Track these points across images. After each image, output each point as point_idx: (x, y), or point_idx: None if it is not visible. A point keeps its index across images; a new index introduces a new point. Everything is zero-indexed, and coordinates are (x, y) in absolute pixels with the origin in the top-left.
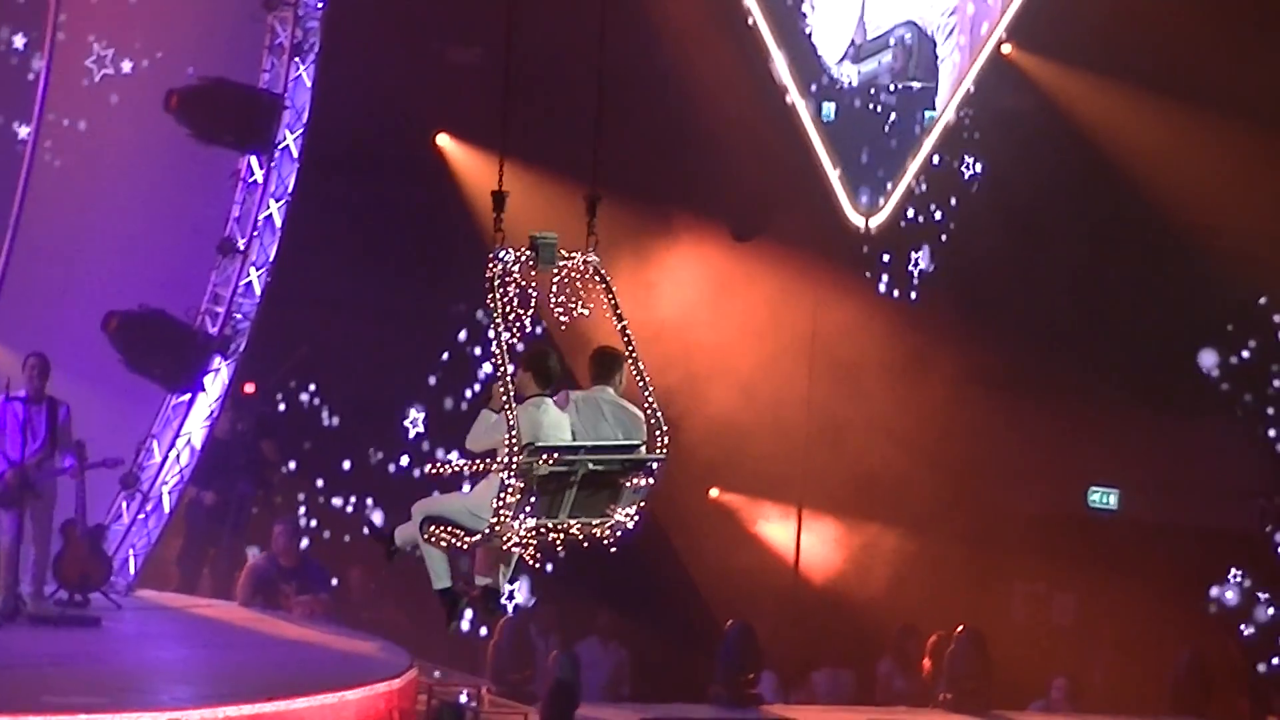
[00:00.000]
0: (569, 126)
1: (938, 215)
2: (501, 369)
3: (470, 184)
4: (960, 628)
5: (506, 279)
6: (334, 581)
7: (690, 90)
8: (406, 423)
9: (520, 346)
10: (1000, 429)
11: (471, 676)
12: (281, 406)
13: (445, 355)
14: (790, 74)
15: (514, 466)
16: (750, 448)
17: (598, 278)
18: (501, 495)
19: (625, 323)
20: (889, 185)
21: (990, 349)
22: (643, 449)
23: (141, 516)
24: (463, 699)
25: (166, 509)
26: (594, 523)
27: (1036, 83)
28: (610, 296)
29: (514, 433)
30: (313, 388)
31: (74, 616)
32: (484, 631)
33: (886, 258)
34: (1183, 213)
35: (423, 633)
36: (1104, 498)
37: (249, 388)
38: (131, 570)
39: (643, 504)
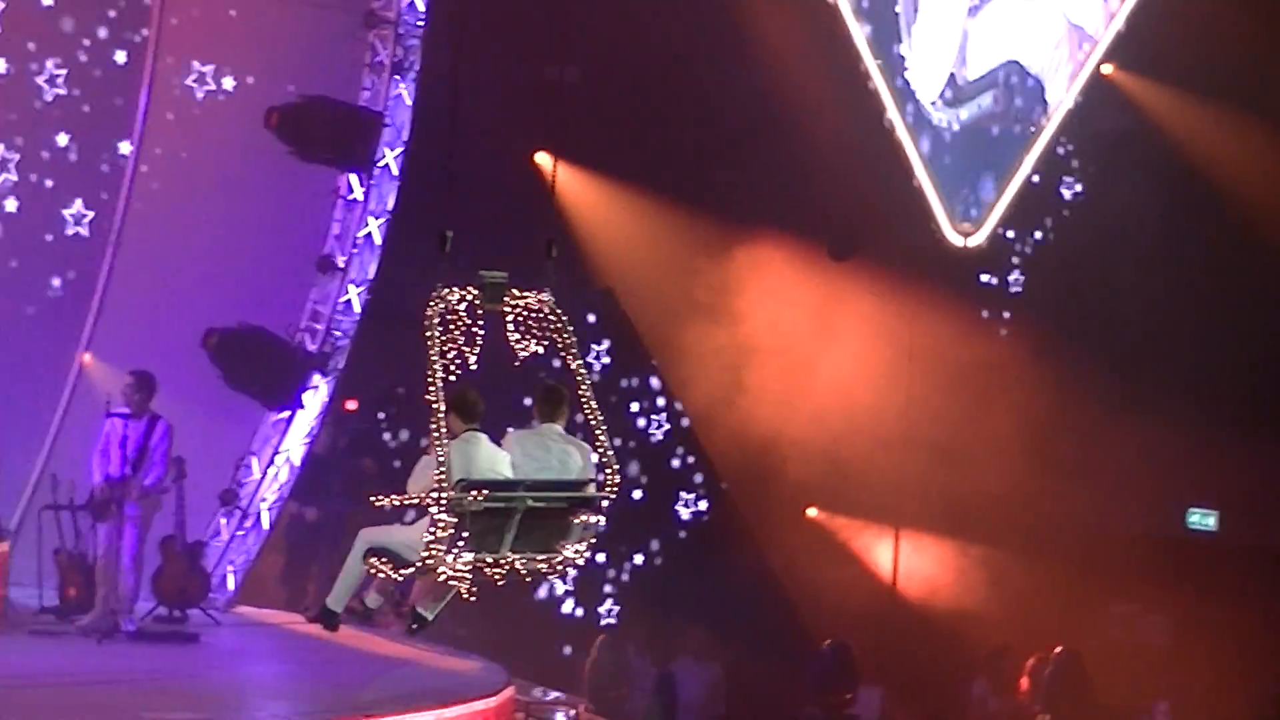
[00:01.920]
0: (663, 145)
1: (1036, 234)
2: (435, 405)
3: (568, 201)
4: (1059, 648)
5: (449, 316)
6: None
7: (789, 110)
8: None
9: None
10: (1098, 450)
11: (569, 695)
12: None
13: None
14: (889, 94)
15: (443, 502)
16: (847, 467)
17: (553, 317)
18: (432, 530)
19: (580, 361)
20: (987, 204)
21: (1087, 369)
22: (591, 486)
23: (240, 533)
24: (559, 717)
25: (265, 525)
26: (539, 558)
27: (1136, 103)
28: (565, 336)
29: (443, 468)
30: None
31: (173, 633)
32: (568, 650)
33: (985, 276)
34: None
35: (519, 651)
36: (1203, 519)
37: (350, 405)
38: (230, 586)
39: (593, 540)
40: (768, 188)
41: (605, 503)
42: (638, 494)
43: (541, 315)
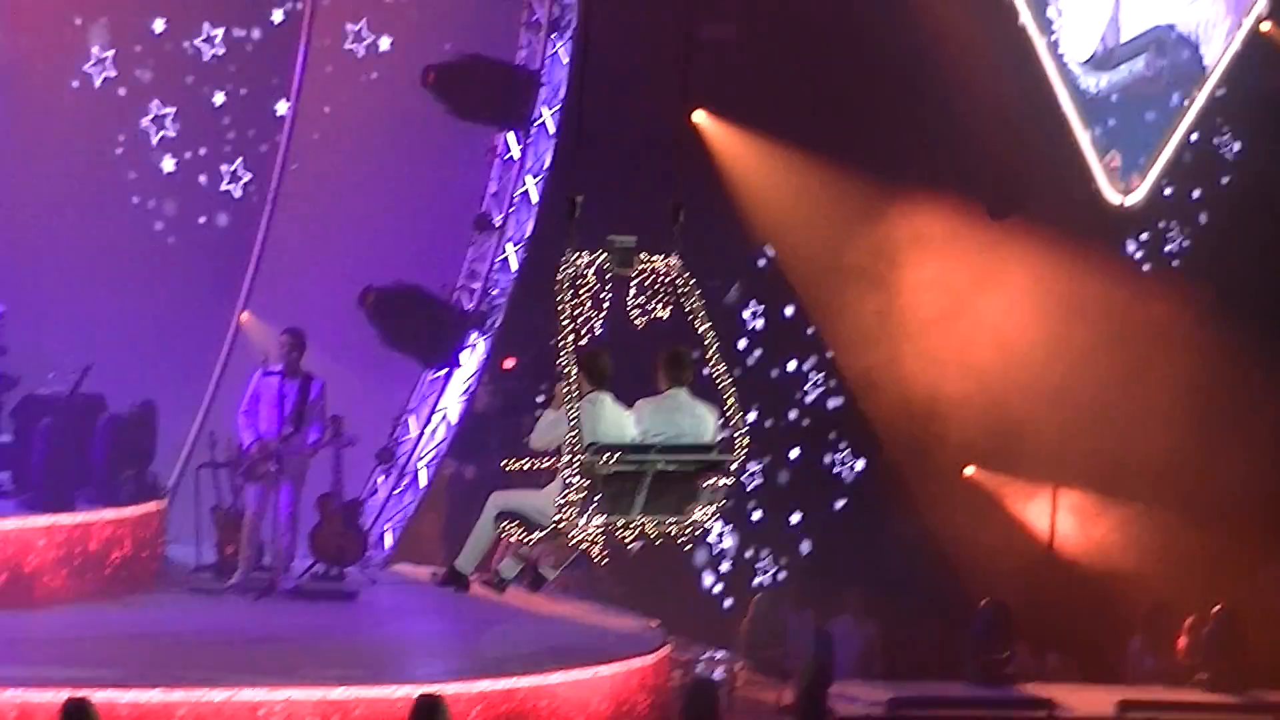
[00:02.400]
0: (819, 104)
1: (1195, 193)
2: (567, 369)
3: (726, 160)
4: (1217, 607)
5: (579, 281)
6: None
7: (946, 68)
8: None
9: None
10: (1258, 413)
11: (726, 653)
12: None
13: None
14: (1046, 51)
15: (576, 465)
16: (1006, 427)
17: (680, 282)
18: (565, 493)
19: (709, 325)
20: (1146, 162)
21: (1245, 328)
22: (719, 450)
23: (397, 491)
24: (716, 675)
25: (422, 484)
26: (669, 521)
27: None
28: (694, 300)
29: (576, 431)
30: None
31: (330, 590)
32: (726, 607)
33: (1143, 235)
34: None
35: (675, 609)
36: None
37: (508, 363)
38: (387, 545)
39: (723, 502)
40: (925, 146)
41: (734, 466)
42: (795, 453)
43: (670, 280)
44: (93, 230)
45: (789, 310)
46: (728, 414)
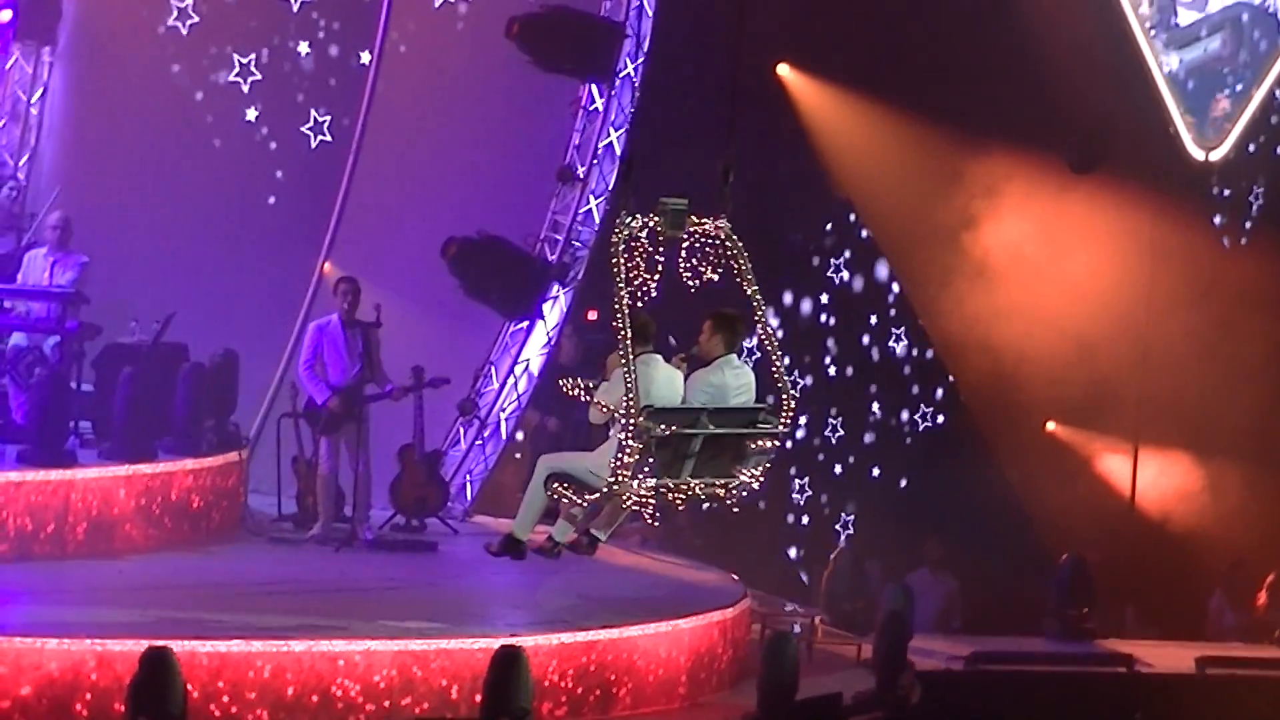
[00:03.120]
0: (901, 57)
1: (1278, 150)
2: (623, 333)
3: (809, 114)
4: None
5: (633, 244)
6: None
7: (1029, 21)
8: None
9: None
10: None
11: (805, 607)
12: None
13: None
14: (1130, 6)
15: (631, 427)
16: (1086, 381)
17: (729, 244)
18: (619, 455)
19: (757, 288)
20: (1230, 118)
21: None
22: (766, 413)
23: (479, 442)
24: (796, 629)
25: (504, 435)
26: (718, 483)
27: None
28: (742, 262)
29: (631, 394)
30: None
31: (411, 541)
32: (798, 562)
33: (1226, 192)
34: None
35: (754, 562)
36: None
37: (591, 315)
38: (468, 496)
39: (769, 464)
40: (1007, 100)
41: (783, 429)
42: (876, 407)
43: (719, 241)
44: (175, 180)
45: (872, 265)
46: (776, 378)
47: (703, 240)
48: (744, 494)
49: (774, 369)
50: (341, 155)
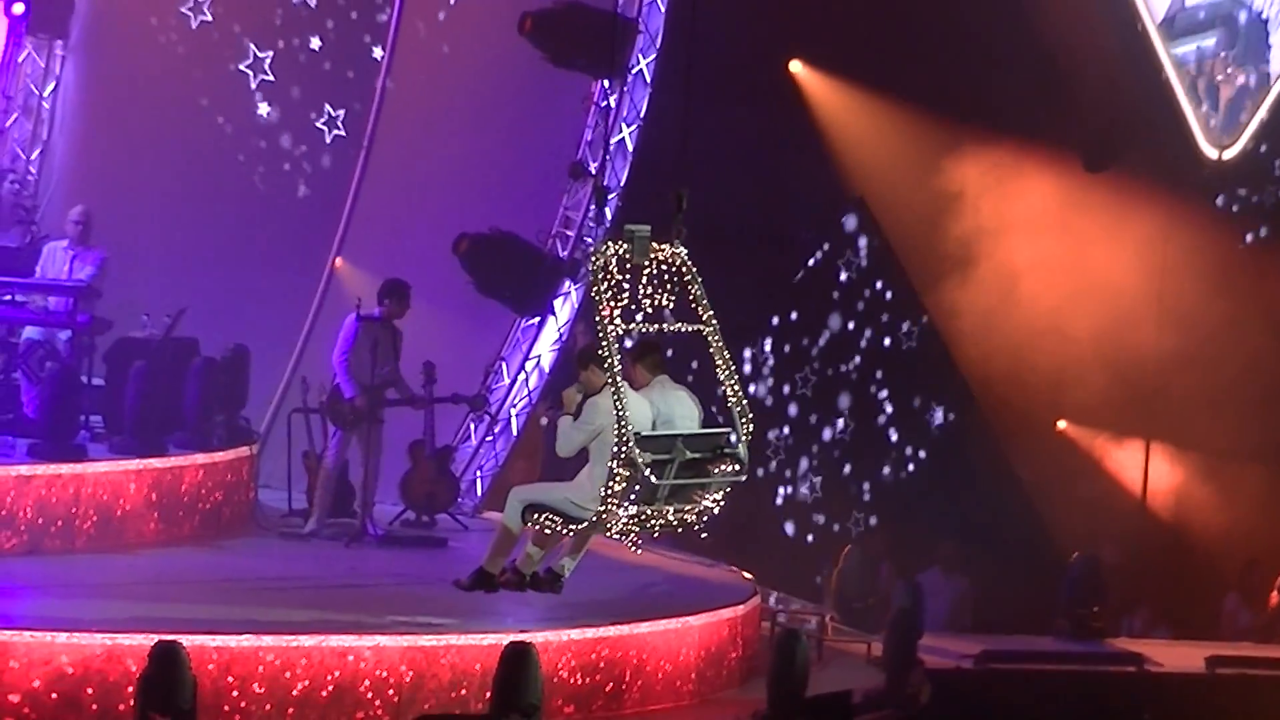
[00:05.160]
0: (913, 52)
1: None
2: (609, 360)
3: (822, 111)
4: None
5: (609, 271)
6: None
7: (1042, 17)
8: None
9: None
10: None
11: (815, 605)
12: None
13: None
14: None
15: (622, 455)
16: (1098, 380)
17: (684, 270)
18: (610, 483)
19: (711, 312)
20: (1243, 116)
21: None
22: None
23: (489, 438)
24: (806, 627)
25: (514, 431)
26: (685, 509)
27: None
28: (696, 288)
29: (623, 422)
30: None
31: (421, 537)
32: (815, 560)
33: (1240, 190)
34: None
35: (764, 559)
36: None
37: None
38: (479, 492)
39: (728, 491)
40: (1021, 96)
41: (744, 452)
42: (887, 405)
43: (675, 267)
44: (187, 174)
45: (883, 262)
46: (734, 403)
47: (662, 267)
48: (705, 519)
49: (731, 394)
50: (354, 150)
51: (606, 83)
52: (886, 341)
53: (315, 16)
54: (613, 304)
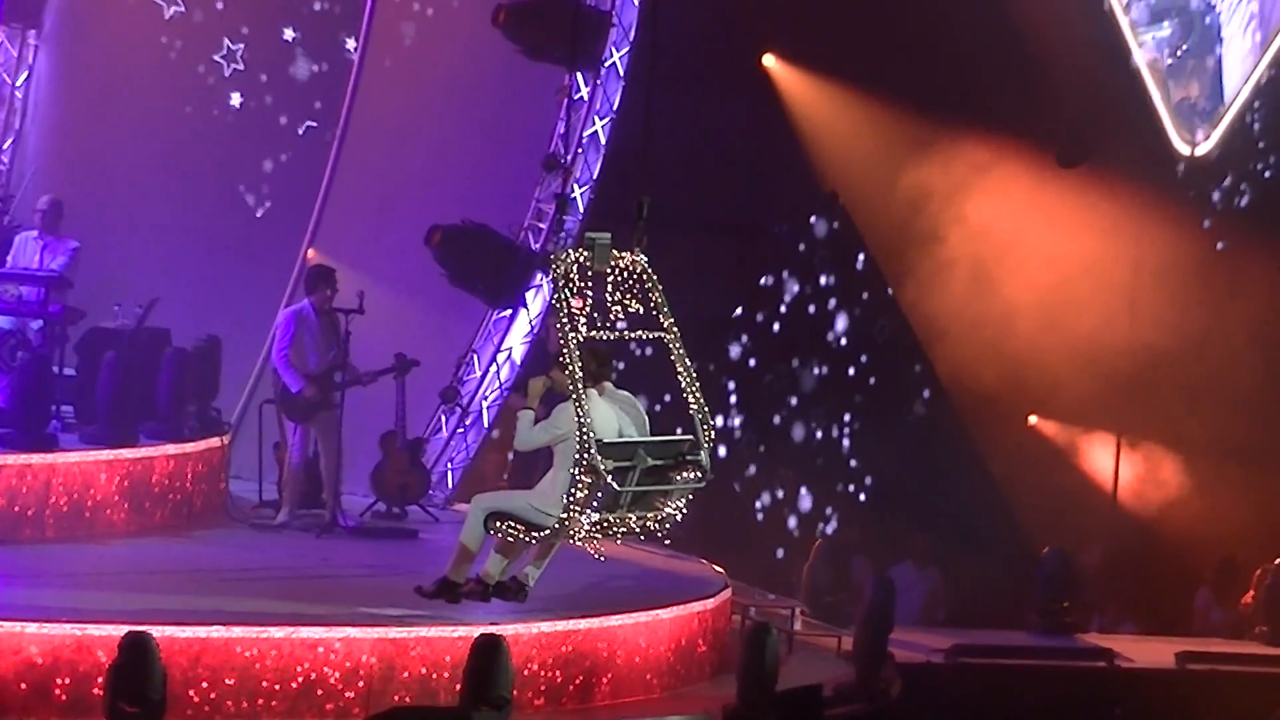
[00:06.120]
0: (889, 47)
1: (1260, 145)
2: (571, 366)
3: (795, 105)
4: (1278, 560)
5: (570, 277)
6: None
7: (1016, 12)
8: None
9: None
10: None
11: (786, 598)
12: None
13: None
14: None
15: (585, 462)
16: (1070, 375)
17: (645, 277)
18: (573, 490)
19: (673, 320)
20: (1216, 114)
21: None
22: (691, 445)
23: (461, 430)
24: (777, 621)
25: (486, 423)
26: (648, 516)
27: None
28: (658, 295)
29: (585, 428)
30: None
31: (392, 529)
32: (780, 553)
33: (1213, 186)
34: None
35: (736, 554)
36: None
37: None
38: (450, 484)
39: (690, 498)
40: (996, 93)
41: (704, 459)
42: (860, 400)
43: (636, 275)
44: (160, 165)
45: (856, 257)
46: (696, 410)
47: (624, 273)
48: (668, 526)
49: (692, 401)
50: (327, 142)
51: (580, 75)
52: (859, 336)
53: (289, 7)
54: (573, 311)
